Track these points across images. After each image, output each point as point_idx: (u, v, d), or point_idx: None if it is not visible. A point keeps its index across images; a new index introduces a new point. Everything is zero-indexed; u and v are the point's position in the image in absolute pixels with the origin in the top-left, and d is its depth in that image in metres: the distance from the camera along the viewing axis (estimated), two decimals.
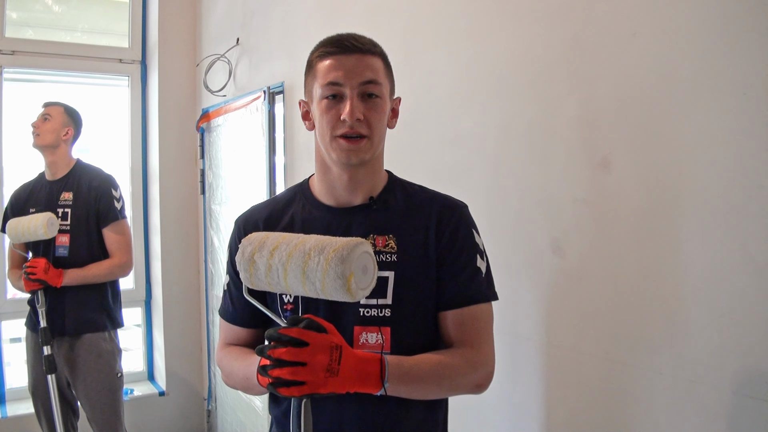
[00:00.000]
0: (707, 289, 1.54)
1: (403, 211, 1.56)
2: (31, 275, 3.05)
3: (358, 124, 1.44)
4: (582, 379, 1.89)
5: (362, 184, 1.55)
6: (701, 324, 1.55)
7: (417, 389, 1.43)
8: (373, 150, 1.50)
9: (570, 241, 1.90)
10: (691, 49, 1.56)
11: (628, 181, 1.72)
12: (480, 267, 1.54)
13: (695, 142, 1.55)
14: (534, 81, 2.00)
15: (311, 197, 1.61)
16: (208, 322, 4.62)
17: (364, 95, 1.46)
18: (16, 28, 4.57)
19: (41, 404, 3.26)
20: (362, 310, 1.48)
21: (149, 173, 4.87)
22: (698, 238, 1.55)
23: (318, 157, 1.58)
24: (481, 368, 1.49)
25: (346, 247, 1.22)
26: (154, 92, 4.72)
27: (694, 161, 1.55)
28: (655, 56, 1.65)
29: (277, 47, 3.61)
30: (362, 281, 1.24)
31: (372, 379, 1.33)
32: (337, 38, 1.50)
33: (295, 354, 1.22)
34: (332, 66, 1.47)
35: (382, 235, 1.52)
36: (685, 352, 1.59)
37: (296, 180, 3.33)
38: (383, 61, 1.53)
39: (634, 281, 1.72)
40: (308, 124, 1.59)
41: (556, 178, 1.94)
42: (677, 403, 1.62)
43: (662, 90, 1.63)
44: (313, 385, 1.23)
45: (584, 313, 1.87)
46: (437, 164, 2.37)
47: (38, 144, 3.26)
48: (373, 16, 2.76)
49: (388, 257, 1.50)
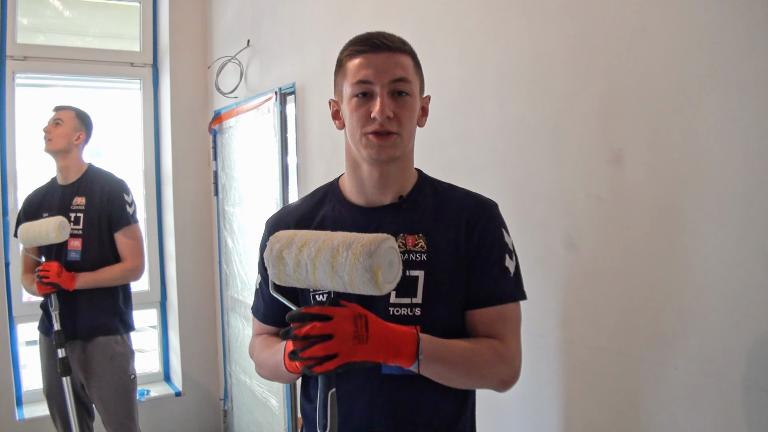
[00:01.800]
0: (721, 284, 1.53)
1: (432, 210, 1.55)
2: (44, 279, 3.07)
3: (388, 122, 1.44)
4: (597, 375, 1.89)
5: (392, 182, 1.54)
6: (716, 319, 1.54)
7: (447, 371, 1.43)
8: (402, 147, 1.50)
9: (583, 237, 1.90)
10: (702, 43, 1.55)
11: (641, 177, 1.72)
12: (509, 267, 1.53)
13: (708, 136, 1.54)
14: (545, 77, 2.00)
15: (341, 197, 1.61)
16: (223, 322, 4.64)
17: (394, 93, 1.46)
18: (28, 33, 4.60)
19: (56, 407, 3.29)
20: (392, 309, 1.47)
21: (162, 175, 4.89)
22: (712, 232, 1.55)
23: (348, 155, 1.58)
24: (509, 363, 1.49)
25: (374, 242, 1.25)
26: (166, 95, 4.74)
27: (707, 156, 1.55)
28: (666, 51, 1.64)
29: (288, 48, 3.62)
30: (389, 275, 1.27)
31: (406, 348, 1.34)
32: (367, 36, 1.49)
33: (321, 328, 1.24)
34: (362, 64, 1.46)
35: (411, 235, 1.51)
36: (700, 347, 1.58)
37: (308, 180, 3.37)
38: (413, 59, 1.52)
39: (648, 277, 1.71)
40: (338, 123, 1.58)
41: (569, 175, 1.93)
42: (693, 398, 1.61)
43: (674, 84, 1.62)
44: (344, 354, 1.25)
45: (598, 309, 1.87)
46: (449, 161, 2.37)
47: (50, 149, 3.28)
48: (384, 16, 2.76)
49: (418, 256, 1.50)
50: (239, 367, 4.38)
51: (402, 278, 1.44)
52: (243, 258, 4.18)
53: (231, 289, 4.43)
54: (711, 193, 1.54)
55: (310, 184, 3.35)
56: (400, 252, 1.49)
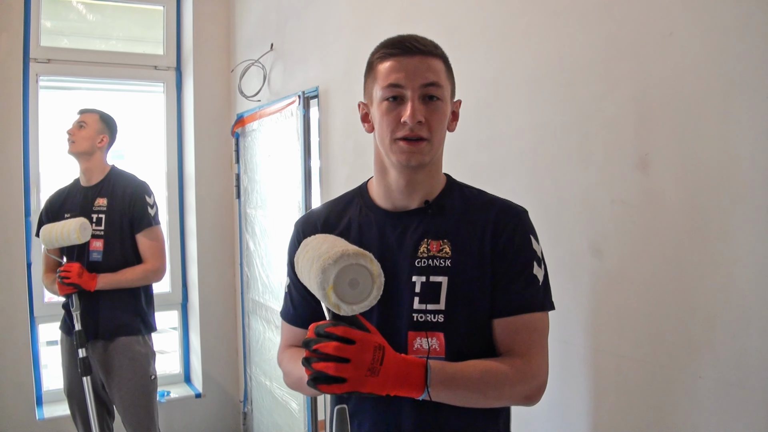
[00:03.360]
0: (750, 292, 1.51)
1: (459, 216, 1.54)
2: (65, 279, 3.09)
3: (419, 127, 1.43)
4: (623, 382, 1.87)
5: (419, 188, 1.53)
6: (743, 327, 1.52)
7: (461, 396, 1.40)
8: (432, 153, 1.48)
9: (609, 243, 1.88)
10: (729, 47, 1.53)
11: (667, 182, 1.70)
12: (537, 275, 1.50)
13: (735, 141, 1.52)
14: (570, 81, 1.99)
15: (369, 200, 1.61)
16: (243, 325, 4.65)
17: (425, 97, 1.45)
18: (51, 36, 4.64)
19: (77, 406, 3.31)
20: (416, 315, 1.46)
21: (185, 178, 4.92)
22: (740, 239, 1.52)
23: (377, 159, 1.57)
24: (531, 380, 1.45)
25: (332, 257, 1.20)
26: (189, 98, 4.77)
27: (735, 160, 1.53)
28: (692, 55, 1.62)
29: (312, 52, 3.63)
30: (348, 295, 1.22)
31: (414, 381, 1.32)
32: (399, 39, 1.48)
33: (342, 350, 1.23)
34: (393, 67, 1.45)
35: (436, 240, 1.50)
36: (728, 356, 1.56)
37: (331, 184, 3.37)
38: (444, 63, 1.51)
39: (674, 284, 1.70)
40: (367, 126, 1.58)
41: (594, 180, 1.92)
42: (718, 407, 1.59)
43: (700, 89, 1.61)
44: (353, 382, 1.24)
45: (624, 316, 1.85)
46: (474, 166, 2.36)
47: (73, 151, 3.31)
48: (408, 20, 2.76)
49: (442, 262, 1.48)
50: (259, 370, 4.38)
51: (425, 284, 1.43)
52: (264, 261, 4.19)
53: (252, 291, 4.44)
54: (739, 199, 1.52)
55: (332, 188, 3.35)
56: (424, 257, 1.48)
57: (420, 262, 1.49)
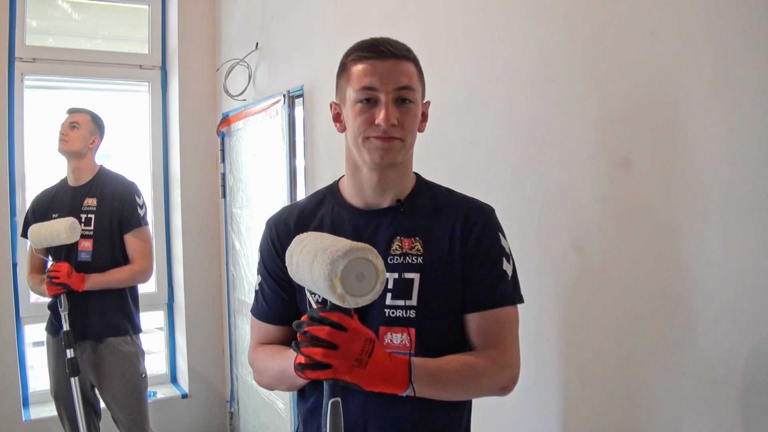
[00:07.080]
0: (728, 289, 1.53)
1: (429, 214, 1.57)
2: (54, 279, 3.08)
3: (393, 129, 1.46)
4: (603, 379, 1.88)
5: (391, 186, 1.56)
6: (722, 323, 1.54)
7: (442, 390, 1.44)
8: (404, 153, 1.52)
9: (591, 241, 1.90)
10: (712, 47, 1.55)
11: (648, 181, 1.72)
12: (506, 270, 1.55)
13: (716, 141, 1.54)
14: (553, 81, 2.00)
15: (340, 199, 1.63)
16: (230, 324, 4.65)
17: (398, 100, 1.47)
18: (36, 35, 4.61)
19: (64, 407, 3.30)
20: (387, 311, 1.49)
21: (170, 177, 4.91)
22: (719, 237, 1.54)
23: (348, 158, 1.59)
24: (506, 370, 1.50)
25: (341, 249, 1.22)
26: (175, 97, 4.76)
27: (715, 160, 1.54)
28: (675, 54, 1.64)
29: (296, 51, 3.63)
30: (354, 287, 1.23)
31: (399, 379, 1.34)
32: (373, 42, 1.50)
33: (333, 335, 1.25)
34: (367, 70, 1.47)
35: (408, 238, 1.53)
36: (707, 352, 1.58)
37: (316, 183, 3.38)
38: (416, 66, 1.54)
39: (655, 281, 1.71)
40: (339, 126, 1.60)
41: (577, 178, 1.93)
42: (700, 404, 1.61)
43: (682, 88, 1.62)
44: (337, 370, 1.25)
45: (605, 314, 1.86)
46: (457, 165, 2.37)
47: (65, 149, 3.30)
48: (391, 20, 2.77)
49: (414, 259, 1.51)
50: (246, 369, 4.38)
51: (398, 280, 1.46)
52: (250, 260, 4.19)
53: (238, 291, 4.44)
54: (718, 198, 1.54)
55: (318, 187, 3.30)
56: (396, 254, 1.50)
57: (393, 259, 1.52)
